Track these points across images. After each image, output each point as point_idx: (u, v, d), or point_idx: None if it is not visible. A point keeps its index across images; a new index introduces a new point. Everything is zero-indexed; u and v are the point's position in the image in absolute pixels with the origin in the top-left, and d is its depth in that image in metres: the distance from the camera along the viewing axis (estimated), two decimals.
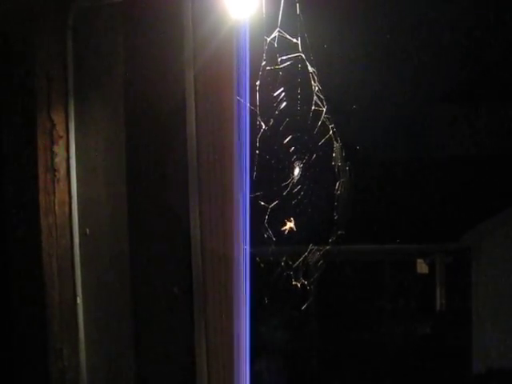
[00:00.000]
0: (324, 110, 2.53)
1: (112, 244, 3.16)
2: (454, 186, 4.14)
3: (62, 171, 3.19)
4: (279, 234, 2.55)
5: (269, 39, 2.39)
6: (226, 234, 2.71)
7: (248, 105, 2.49)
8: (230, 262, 2.68)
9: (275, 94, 2.43)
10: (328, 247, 2.71)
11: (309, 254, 2.65)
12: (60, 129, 3.19)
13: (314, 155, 2.58)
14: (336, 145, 2.64)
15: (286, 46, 2.42)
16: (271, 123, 2.44)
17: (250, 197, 2.51)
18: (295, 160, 2.56)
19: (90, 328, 3.16)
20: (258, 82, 2.41)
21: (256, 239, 2.59)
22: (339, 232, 2.74)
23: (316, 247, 2.66)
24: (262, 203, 2.49)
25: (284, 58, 2.42)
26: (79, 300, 3.17)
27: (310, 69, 2.48)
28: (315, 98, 2.49)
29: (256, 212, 2.53)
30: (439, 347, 4.63)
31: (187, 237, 2.77)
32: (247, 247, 2.60)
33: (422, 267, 4.77)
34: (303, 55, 2.46)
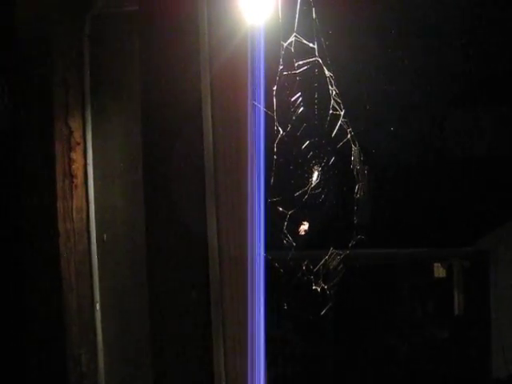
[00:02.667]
0: (342, 113, 2.53)
1: (129, 249, 3.17)
2: (472, 189, 4.10)
3: (80, 177, 3.21)
4: (298, 238, 2.54)
5: (285, 44, 2.39)
6: (242, 237, 2.71)
7: (264, 110, 2.49)
8: (247, 265, 2.68)
9: (293, 99, 2.43)
10: (348, 251, 2.70)
11: (329, 258, 2.64)
12: (77, 135, 3.22)
13: (333, 159, 2.58)
14: (354, 148, 2.63)
15: (302, 51, 2.41)
16: (289, 128, 2.44)
17: (268, 202, 2.51)
18: (313, 164, 2.56)
19: (108, 333, 3.17)
20: (275, 87, 2.41)
21: (275, 244, 2.58)
22: (359, 236, 2.73)
23: (336, 251, 2.65)
24: (281, 209, 2.48)
25: (301, 62, 2.41)
26: (98, 306, 3.18)
27: (327, 73, 2.47)
28: (332, 102, 2.48)
29: (274, 217, 2.53)
30: (458, 352, 4.59)
31: (204, 241, 2.77)
32: (263, 252, 2.59)
33: (439, 271, 4.73)
34: (320, 60, 2.45)
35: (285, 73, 2.40)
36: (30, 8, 3.13)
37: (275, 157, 2.42)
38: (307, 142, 2.52)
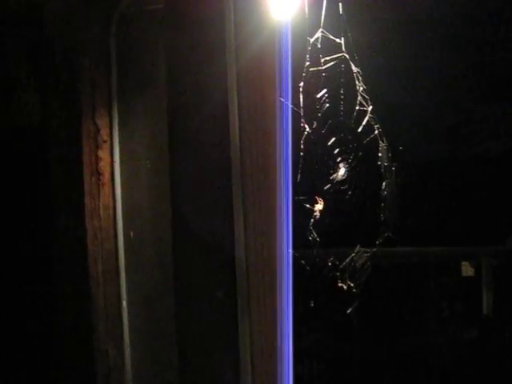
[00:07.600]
0: (369, 109, 2.50)
1: (155, 247, 3.19)
2: (500, 187, 4.03)
3: (107, 175, 3.25)
4: (325, 236, 2.52)
5: (312, 40, 2.38)
6: (269, 236, 2.70)
7: (291, 106, 2.47)
8: (274, 264, 2.67)
9: (319, 96, 2.41)
10: (375, 249, 2.67)
11: (355, 255, 2.61)
12: (104, 133, 3.25)
13: (360, 155, 2.55)
14: (382, 144, 2.60)
15: (329, 46, 2.39)
16: (315, 125, 2.42)
17: (295, 199, 2.50)
18: (340, 161, 2.54)
19: (135, 329, 3.20)
20: (301, 84, 2.39)
21: (301, 242, 2.56)
22: (386, 234, 2.70)
23: (363, 249, 2.62)
24: (308, 206, 2.46)
25: (327, 58, 2.40)
26: (124, 302, 3.21)
27: (354, 69, 2.45)
28: (360, 97, 2.46)
29: (300, 214, 2.51)
30: (486, 352, 4.51)
31: (231, 239, 2.77)
32: (291, 250, 2.58)
33: (467, 270, 4.66)
34: (347, 55, 2.43)
35: (311, 69, 2.39)
36: (57, 9, 3.16)
37: (302, 154, 2.40)
38: (333, 139, 2.50)
